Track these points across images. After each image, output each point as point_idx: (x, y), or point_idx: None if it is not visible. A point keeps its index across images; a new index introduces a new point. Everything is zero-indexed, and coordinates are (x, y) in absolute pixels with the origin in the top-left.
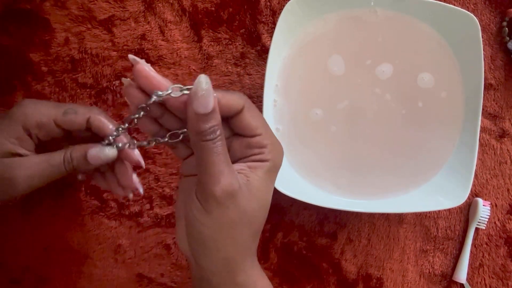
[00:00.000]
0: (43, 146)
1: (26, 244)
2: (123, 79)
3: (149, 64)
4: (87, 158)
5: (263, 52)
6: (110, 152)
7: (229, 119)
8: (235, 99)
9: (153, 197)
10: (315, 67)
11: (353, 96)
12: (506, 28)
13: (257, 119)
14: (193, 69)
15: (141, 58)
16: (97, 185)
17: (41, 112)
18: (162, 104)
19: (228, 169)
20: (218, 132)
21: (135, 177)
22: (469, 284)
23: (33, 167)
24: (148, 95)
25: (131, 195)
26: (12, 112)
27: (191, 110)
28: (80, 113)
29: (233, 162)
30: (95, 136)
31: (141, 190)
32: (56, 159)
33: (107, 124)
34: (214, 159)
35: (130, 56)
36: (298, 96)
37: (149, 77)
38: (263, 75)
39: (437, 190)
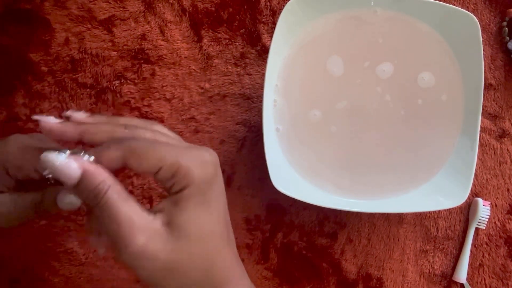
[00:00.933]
0: (23, 184)
1: (26, 244)
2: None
3: (51, 117)
4: (57, 202)
5: (263, 52)
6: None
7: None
8: (109, 155)
9: (153, 197)
10: (315, 67)
11: (353, 96)
12: (506, 28)
13: (147, 158)
14: (193, 69)
15: (141, 58)
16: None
17: (24, 157)
18: None
19: (128, 227)
20: (101, 193)
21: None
22: (469, 284)
23: (4, 206)
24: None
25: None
26: None
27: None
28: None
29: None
30: None
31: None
32: (26, 200)
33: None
34: (107, 224)
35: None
36: (298, 96)
37: (52, 129)
38: (263, 75)
39: (437, 190)
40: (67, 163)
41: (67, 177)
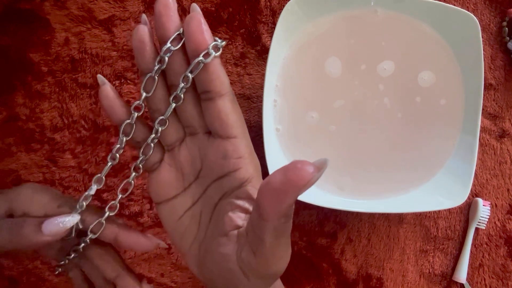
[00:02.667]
0: None
1: None
2: (99, 76)
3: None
4: (41, 226)
5: (263, 52)
6: (71, 220)
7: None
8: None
9: None
10: (315, 67)
11: (353, 96)
12: (506, 28)
13: (235, 111)
14: None
15: None
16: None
17: (36, 205)
18: None
19: (287, 252)
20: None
21: (145, 284)
22: (469, 284)
23: None
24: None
25: None
26: (7, 191)
27: (292, 196)
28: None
29: (211, 181)
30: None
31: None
32: (2, 225)
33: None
34: (281, 243)
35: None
36: (298, 96)
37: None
38: (263, 75)
39: (437, 190)
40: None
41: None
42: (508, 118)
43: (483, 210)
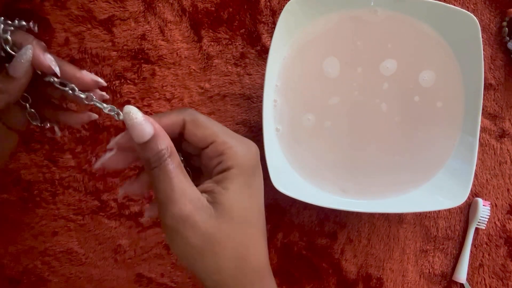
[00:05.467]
0: None
1: (26, 244)
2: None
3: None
4: (9, 73)
5: (263, 52)
6: (27, 51)
7: (181, 139)
8: (171, 118)
9: (153, 197)
10: (315, 67)
11: (353, 96)
12: (506, 28)
13: (204, 128)
14: (193, 69)
15: (141, 58)
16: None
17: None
18: None
19: (179, 193)
20: (165, 157)
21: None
22: (469, 284)
23: None
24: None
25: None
26: None
27: (134, 141)
28: None
29: (205, 179)
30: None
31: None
32: None
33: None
34: (162, 186)
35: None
36: (298, 96)
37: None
38: (263, 75)
39: (437, 190)
40: (143, 122)
41: (140, 134)
42: (508, 118)
43: (483, 210)
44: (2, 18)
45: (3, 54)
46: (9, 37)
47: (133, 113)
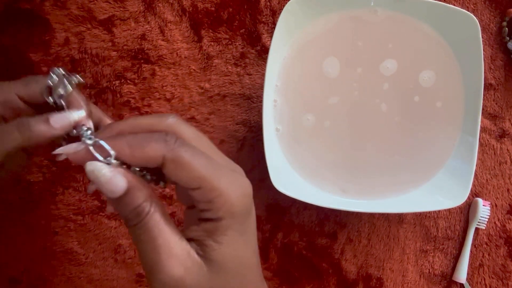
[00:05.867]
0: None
1: (26, 244)
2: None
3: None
4: (50, 122)
5: (263, 52)
6: (77, 113)
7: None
8: (151, 151)
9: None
10: (315, 67)
11: (353, 96)
12: (506, 28)
13: (188, 171)
14: (193, 69)
15: (141, 58)
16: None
17: (3, 89)
18: None
19: (167, 255)
20: (144, 213)
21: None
22: (469, 284)
23: None
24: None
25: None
26: None
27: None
28: (41, 82)
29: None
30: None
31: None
32: (8, 127)
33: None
34: (145, 248)
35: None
36: (298, 96)
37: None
38: (263, 75)
39: (437, 190)
40: (113, 177)
41: (111, 190)
42: (508, 118)
43: (483, 210)
44: (62, 70)
45: (51, 102)
46: (68, 87)
47: (97, 170)
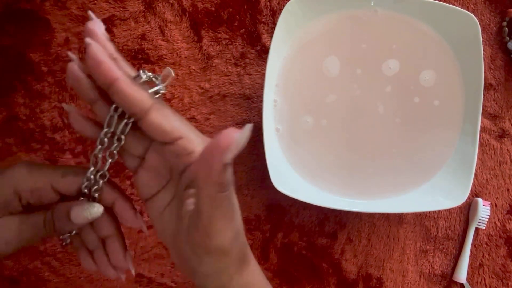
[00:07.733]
0: (30, 210)
1: None
2: (65, 106)
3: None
4: (70, 217)
5: (263, 52)
6: (95, 209)
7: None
8: (141, 94)
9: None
10: (315, 67)
11: (354, 96)
12: (506, 28)
13: (172, 118)
14: (193, 69)
15: (141, 58)
16: (85, 268)
17: (36, 177)
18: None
19: (228, 225)
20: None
21: (128, 255)
22: (469, 284)
23: (10, 229)
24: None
25: (123, 277)
26: (5, 173)
27: (218, 160)
28: (80, 174)
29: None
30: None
31: (132, 271)
32: (35, 220)
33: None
34: (218, 214)
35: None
36: (298, 96)
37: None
38: (263, 75)
39: (437, 190)
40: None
41: (233, 153)
42: (508, 118)
43: (483, 210)
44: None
45: (85, 191)
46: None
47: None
